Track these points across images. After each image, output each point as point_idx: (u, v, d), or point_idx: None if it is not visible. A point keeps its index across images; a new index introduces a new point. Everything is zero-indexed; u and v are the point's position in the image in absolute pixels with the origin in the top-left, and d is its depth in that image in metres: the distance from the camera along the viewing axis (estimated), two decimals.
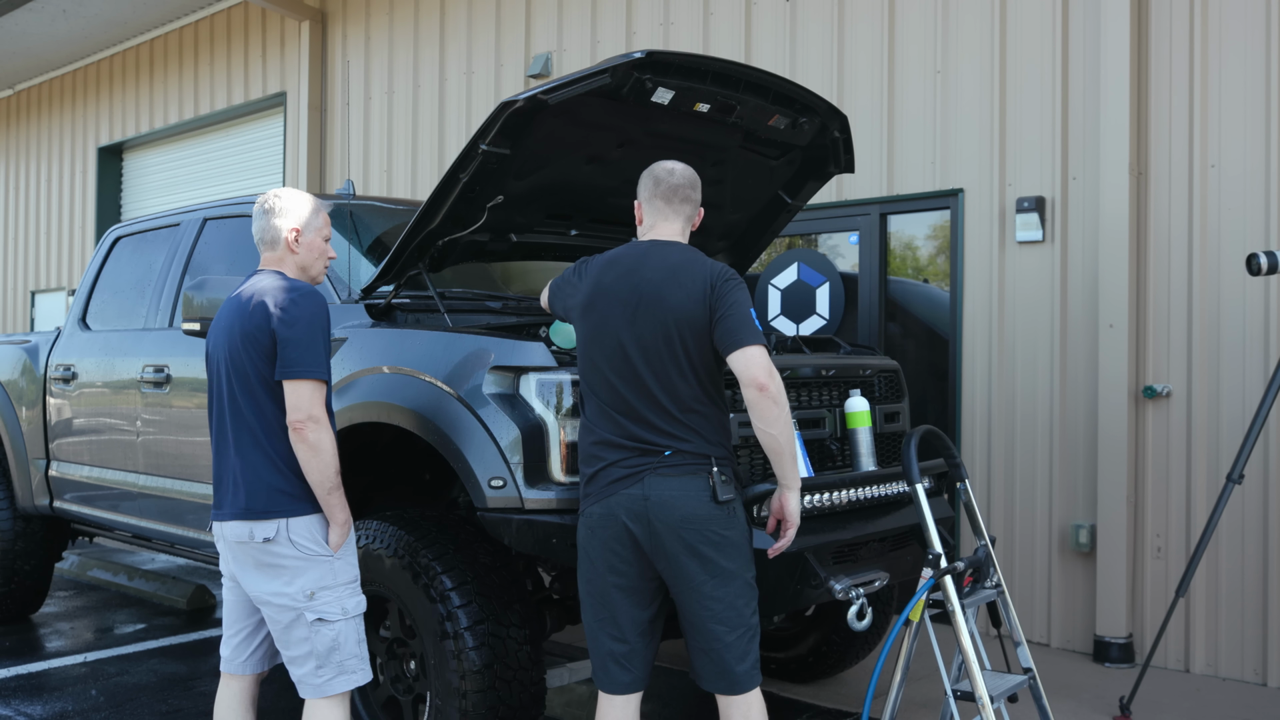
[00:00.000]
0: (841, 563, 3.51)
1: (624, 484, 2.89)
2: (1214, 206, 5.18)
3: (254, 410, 2.95)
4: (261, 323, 2.93)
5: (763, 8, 6.72)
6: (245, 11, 10.32)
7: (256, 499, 2.94)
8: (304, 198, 3.19)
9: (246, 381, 2.96)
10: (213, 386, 3.10)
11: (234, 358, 2.97)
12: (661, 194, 3.10)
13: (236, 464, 2.98)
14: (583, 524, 3.00)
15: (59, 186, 12.85)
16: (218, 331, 3.08)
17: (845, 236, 6.47)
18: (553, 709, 4.57)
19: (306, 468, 2.92)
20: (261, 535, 2.92)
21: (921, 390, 6.07)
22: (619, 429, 2.93)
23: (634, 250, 3.08)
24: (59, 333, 5.85)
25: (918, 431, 3.61)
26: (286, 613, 2.95)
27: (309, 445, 2.90)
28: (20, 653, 5.57)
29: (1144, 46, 5.38)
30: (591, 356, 3.01)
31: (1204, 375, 5.19)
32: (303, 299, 2.97)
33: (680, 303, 2.94)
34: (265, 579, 2.96)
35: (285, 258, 3.14)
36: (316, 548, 2.96)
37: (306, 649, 2.96)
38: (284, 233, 3.12)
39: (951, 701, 3.38)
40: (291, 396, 2.91)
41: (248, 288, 3.07)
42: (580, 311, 3.06)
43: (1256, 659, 5.02)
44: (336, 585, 2.98)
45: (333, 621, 2.96)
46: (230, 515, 2.99)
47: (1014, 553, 5.67)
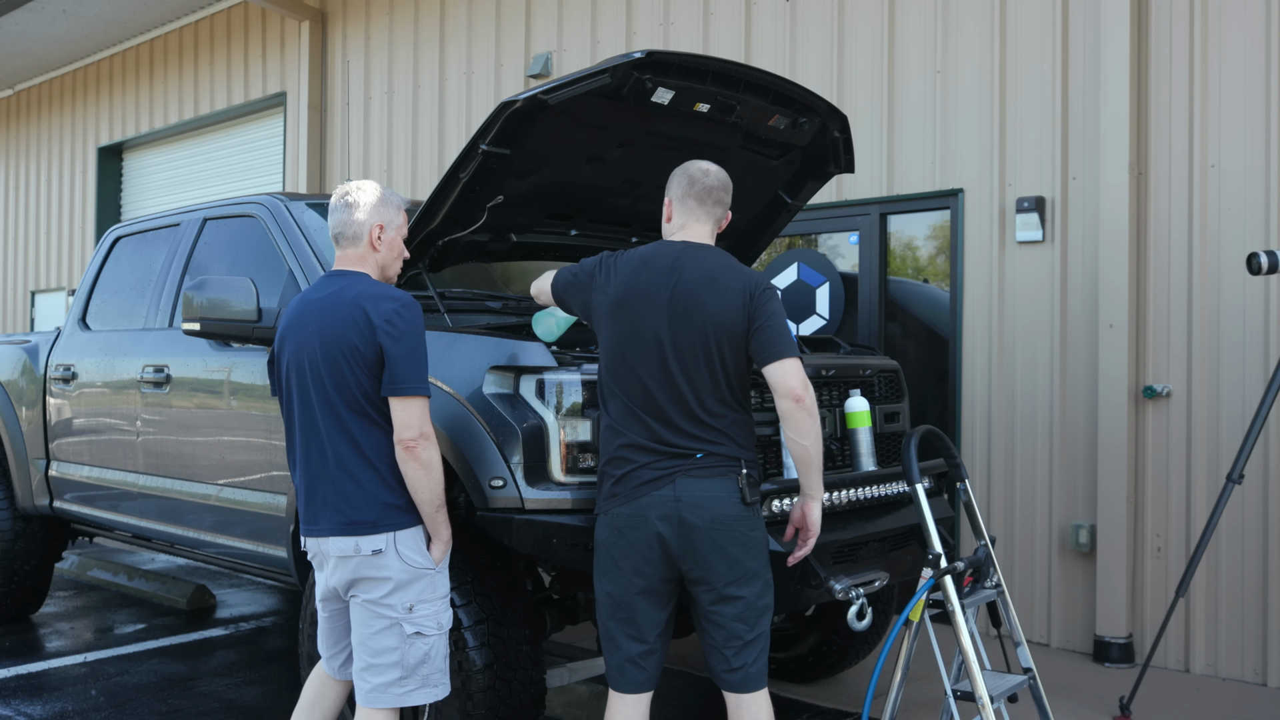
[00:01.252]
0: (841, 563, 3.51)
1: (655, 485, 2.89)
2: (1214, 206, 5.18)
3: (358, 423, 2.87)
4: (366, 335, 2.83)
5: (763, 8, 6.72)
6: (245, 11, 10.32)
7: (365, 512, 2.87)
8: (387, 193, 3.07)
9: (348, 394, 2.86)
10: (296, 394, 2.96)
11: (332, 369, 2.85)
12: (695, 194, 3.09)
13: (338, 477, 2.88)
14: (606, 524, 2.97)
15: (59, 186, 12.85)
16: (299, 334, 2.94)
17: (845, 236, 6.47)
18: (553, 709, 4.57)
19: (416, 485, 2.87)
20: (370, 548, 2.87)
21: (921, 390, 6.07)
22: (649, 432, 2.92)
23: (668, 251, 3.04)
24: (59, 333, 5.85)
25: (918, 431, 3.61)
26: (381, 620, 2.90)
27: (421, 463, 2.85)
28: (20, 653, 5.57)
29: (1144, 46, 5.39)
30: (622, 357, 2.97)
31: (1204, 375, 5.19)
32: (407, 310, 2.87)
33: (719, 309, 2.95)
34: (366, 589, 2.91)
35: (367, 256, 3.02)
36: (422, 560, 2.93)
37: (395, 658, 2.90)
38: (368, 229, 3.00)
39: (951, 701, 3.38)
40: (402, 414, 2.83)
41: (337, 291, 2.93)
42: (610, 311, 3.01)
43: (1256, 659, 5.02)
44: (435, 599, 2.95)
45: (429, 635, 2.93)
46: (331, 530, 2.90)
47: (1014, 553, 5.67)
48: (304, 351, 2.92)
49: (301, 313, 2.97)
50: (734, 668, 2.95)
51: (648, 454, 2.91)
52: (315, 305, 2.94)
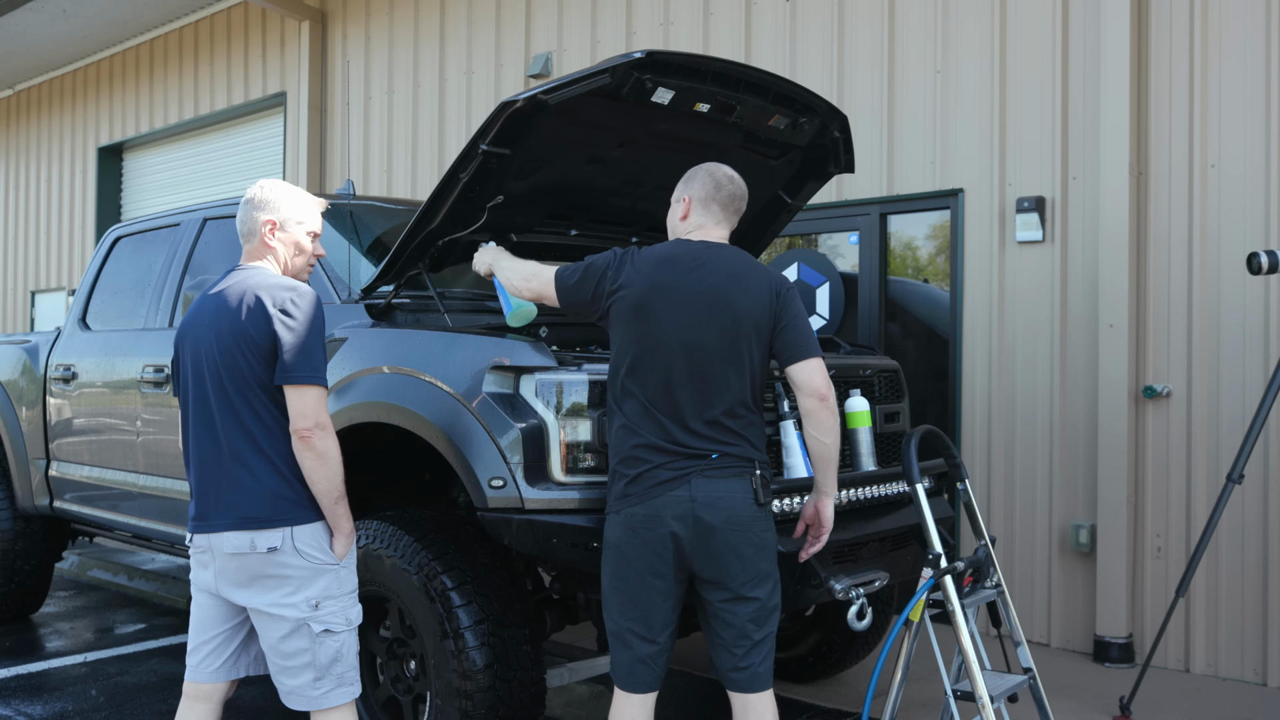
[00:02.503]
0: (841, 563, 3.51)
1: (670, 486, 2.87)
2: (1214, 206, 5.18)
3: (252, 415, 2.79)
4: (260, 324, 2.77)
5: (763, 8, 6.72)
6: (245, 11, 10.32)
7: (259, 507, 2.78)
8: (289, 190, 3.02)
9: (242, 384, 2.78)
10: (193, 388, 2.88)
11: (227, 359, 2.79)
12: (720, 200, 3.09)
13: (233, 471, 2.80)
14: (618, 524, 2.94)
15: (59, 186, 12.85)
16: (197, 329, 2.88)
17: (845, 236, 6.47)
18: (553, 709, 4.57)
19: (313, 476, 2.79)
20: (266, 545, 2.77)
21: (921, 390, 6.07)
22: (666, 433, 2.90)
23: (690, 250, 3.03)
24: (59, 333, 5.85)
25: (918, 431, 3.61)
26: (285, 624, 2.80)
27: (316, 453, 2.77)
28: (20, 653, 5.57)
29: (1144, 46, 5.38)
30: (643, 357, 2.94)
31: (1204, 375, 5.19)
32: (301, 299, 2.82)
33: (747, 308, 2.97)
34: (263, 591, 2.80)
35: (262, 252, 2.98)
36: (323, 556, 2.84)
37: (306, 660, 2.82)
38: (259, 224, 2.96)
39: (951, 701, 3.38)
40: (296, 403, 2.76)
41: (234, 284, 2.88)
42: (631, 310, 2.97)
43: (1256, 659, 5.02)
44: (341, 595, 2.87)
45: (338, 632, 2.85)
46: (225, 526, 2.79)
47: (1014, 553, 5.67)
48: (200, 345, 2.85)
49: (199, 309, 2.91)
50: (742, 667, 2.96)
51: (663, 454, 2.89)
52: (212, 299, 2.88)
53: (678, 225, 3.15)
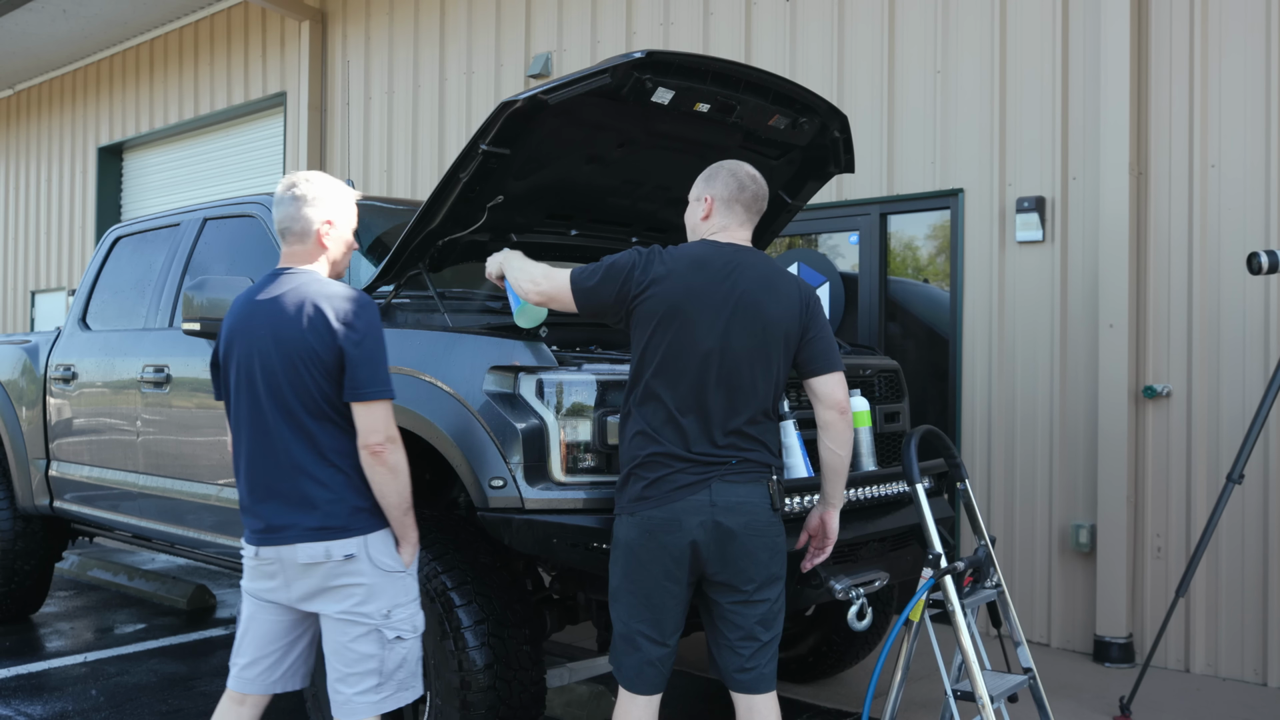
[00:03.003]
0: (841, 563, 3.51)
1: (690, 490, 2.85)
2: (1214, 206, 5.18)
3: (318, 427, 2.75)
4: (325, 338, 2.71)
5: (763, 8, 6.72)
6: (245, 11, 10.32)
7: (333, 517, 2.75)
8: (334, 185, 2.93)
9: (309, 399, 2.73)
10: (246, 398, 2.80)
11: (290, 373, 2.72)
12: (744, 200, 3.05)
13: (300, 482, 2.75)
14: (634, 526, 2.90)
15: (59, 186, 12.85)
16: (253, 336, 2.78)
17: (845, 236, 6.47)
18: (553, 709, 4.57)
19: (384, 489, 2.77)
20: (342, 553, 2.74)
21: (921, 390, 6.07)
22: (688, 438, 2.87)
23: (721, 253, 2.99)
24: (59, 333, 5.85)
25: (918, 431, 3.61)
26: (358, 628, 2.78)
27: (388, 468, 2.75)
28: (20, 653, 5.57)
29: (1144, 46, 5.39)
30: (672, 360, 2.88)
31: (1204, 375, 5.18)
32: (364, 310, 2.76)
33: (779, 316, 2.97)
34: (336, 600, 2.78)
35: (315, 253, 2.88)
36: (394, 563, 2.83)
37: (373, 665, 2.80)
38: (316, 224, 2.86)
39: (951, 701, 3.38)
40: (366, 418, 2.73)
41: (290, 290, 2.78)
42: (663, 311, 2.89)
43: (1256, 659, 5.02)
44: (408, 602, 2.87)
45: (407, 639, 2.85)
46: (298, 537, 2.75)
47: (1014, 553, 5.67)
48: (256, 355, 2.77)
49: (251, 314, 2.82)
50: (748, 668, 2.95)
51: (685, 460, 2.86)
52: (266, 306, 2.79)
53: (699, 225, 3.10)
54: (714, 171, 3.09)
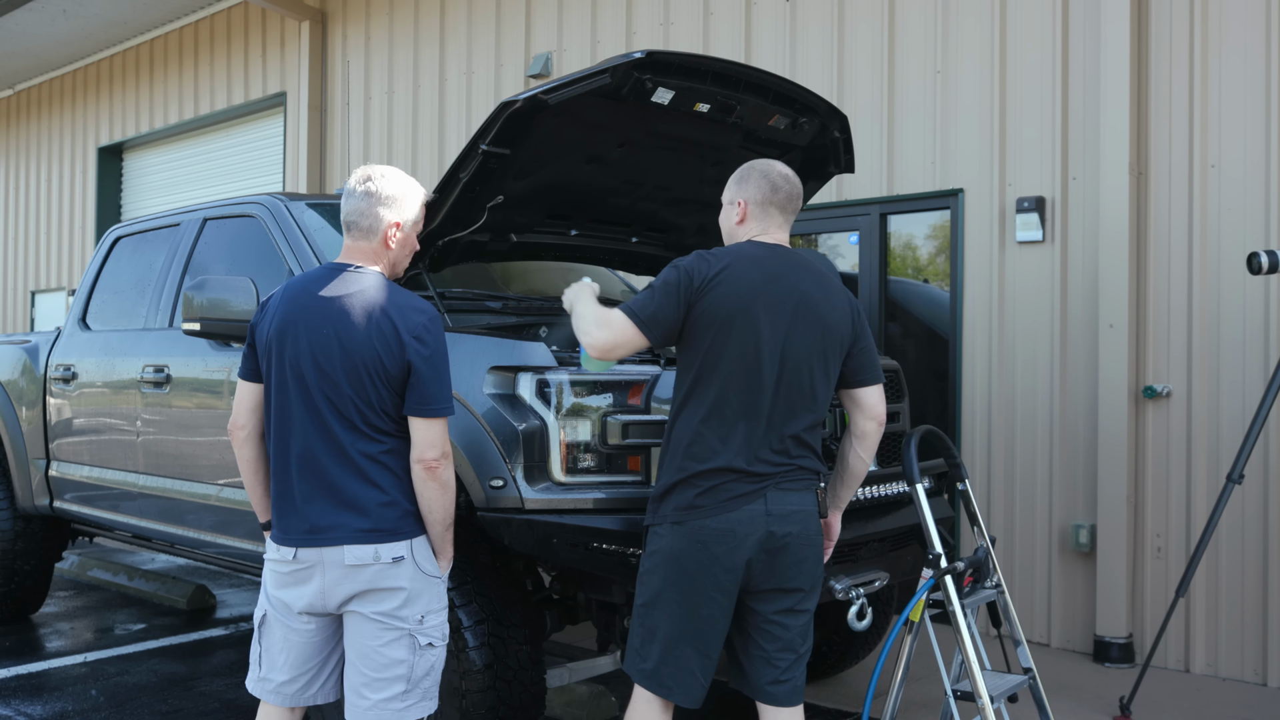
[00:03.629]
0: (841, 563, 3.51)
1: (746, 500, 2.76)
2: (1214, 206, 5.18)
3: (377, 433, 2.71)
4: (394, 351, 2.67)
5: (763, 8, 6.72)
6: (245, 11, 10.33)
7: (386, 520, 2.72)
8: (412, 186, 2.86)
9: (366, 404, 2.69)
10: (296, 394, 2.73)
11: (353, 379, 2.68)
12: (778, 202, 2.96)
13: (352, 484, 2.70)
14: (683, 536, 2.77)
15: (59, 186, 12.85)
16: (313, 332, 2.71)
17: (845, 236, 6.47)
18: (553, 709, 4.57)
19: (432, 506, 2.76)
20: (391, 555, 2.71)
21: (921, 390, 6.07)
22: (742, 445, 2.77)
23: (773, 255, 2.90)
24: (59, 333, 5.85)
25: (918, 431, 3.61)
26: (392, 632, 2.73)
27: (440, 484, 2.74)
28: (20, 653, 5.57)
29: (1144, 46, 5.39)
30: (735, 363, 2.78)
31: (1204, 375, 5.19)
32: (433, 325, 2.73)
33: (835, 320, 2.91)
34: (374, 602, 2.73)
35: (380, 253, 2.82)
36: (433, 569, 2.82)
37: (402, 671, 2.75)
38: (385, 224, 2.79)
39: (951, 701, 3.38)
40: (426, 433, 2.70)
41: (356, 292, 2.73)
42: (724, 314, 2.78)
43: (1256, 659, 5.02)
44: (440, 609, 2.84)
45: (438, 647, 2.82)
46: (347, 538, 2.70)
47: (1014, 553, 5.67)
48: (315, 353, 2.70)
49: (311, 307, 2.74)
50: (784, 680, 2.89)
51: (741, 467, 2.77)
52: (331, 305, 2.72)
53: (735, 230, 3.01)
54: (745, 173, 3.00)
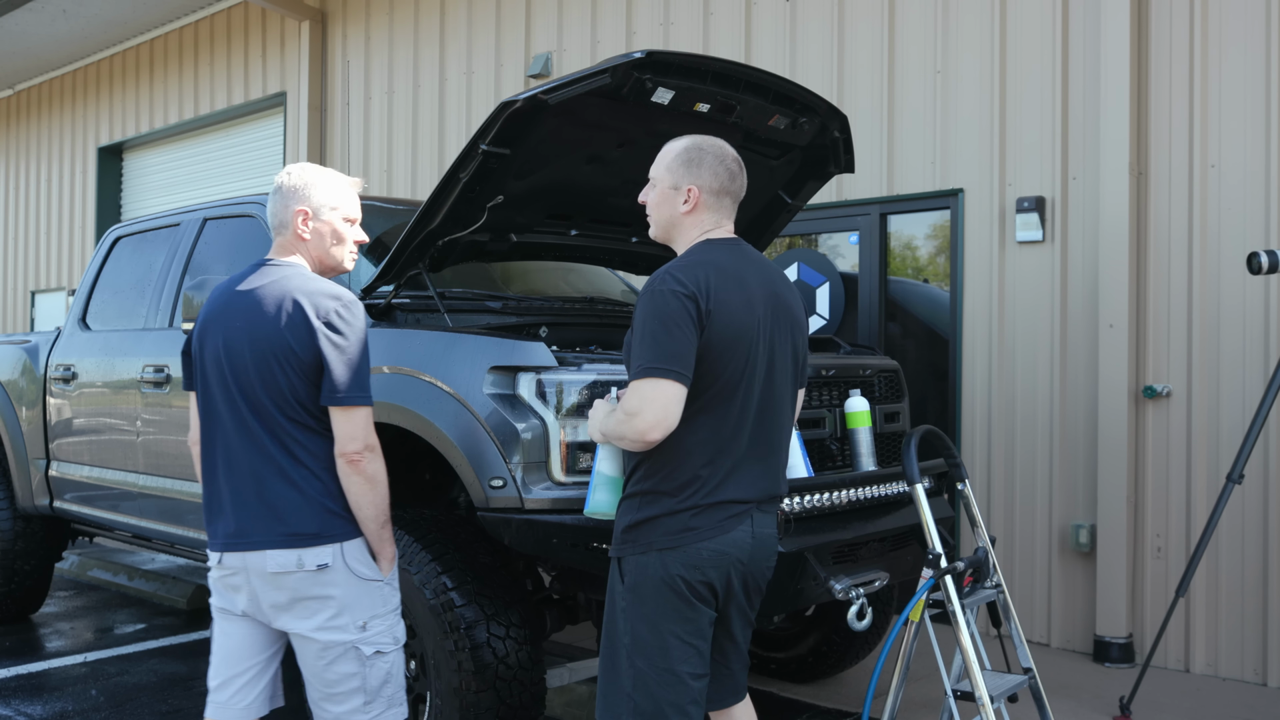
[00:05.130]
0: (841, 563, 3.51)
1: (738, 520, 2.60)
2: (1214, 206, 5.17)
3: (293, 427, 2.58)
4: (302, 337, 2.54)
5: (763, 8, 6.72)
6: (245, 11, 10.32)
7: (306, 523, 2.56)
8: (320, 173, 2.75)
9: (282, 398, 2.57)
10: (219, 394, 2.64)
11: (263, 371, 2.56)
12: (735, 191, 2.72)
13: (273, 484, 2.58)
14: (678, 561, 2.56)
15: (59, 186, 12.85)
16: (227, 329, 2.63)
17: (845, 236, 6.47)
18: (553, 709, 4.57)
19: (360, 502, 2.59)
20: (315, 562, 2.56)
21: (921, 390, 6.07)
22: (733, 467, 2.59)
23: (746, 259, 2.68)
24: (59, 333, 5.85)
25: (918, 431, 3.61)
26: (335, 648, 2.60)
27: (365, 478, 2.58)
28: (20, 653, 5.57)
29: (1144, 46, 5.38)
30: (728, 384, 2.57)
31: (1204, 375, 5.18)
32: (347, 310, 2.59)
33: (801, 320, 2.76)
34: (307, 614, 2.58)
35: (295, 245, 2.72)
36: (370, 572, 2.64)
37: (356, 684, 2.61)
38: (291, 215, 2.70)
39: (951, 701, 3.38)
40: (345, 425, 2.56)
41: (270, 283, 2.62)
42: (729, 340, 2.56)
43: (1256, 659, 5.02)
44: (388, 613, 2.69)
45: (388, 652, 2.67)
46: (266, 543, 2.56)
47: (1014, 553, 5.67)
48: (231, 349, 2.60)
49: (228, 304, 2.66)
50: (740, 683, 2.88)
51: (732, 489, 2.60)
52: (244, 298, 2.63)
53: (679, 219, 2.71)
54: (695, 155, 2.69)
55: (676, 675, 2.60)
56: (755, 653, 4.97)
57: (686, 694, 2.61)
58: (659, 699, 2.58)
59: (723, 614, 2.71)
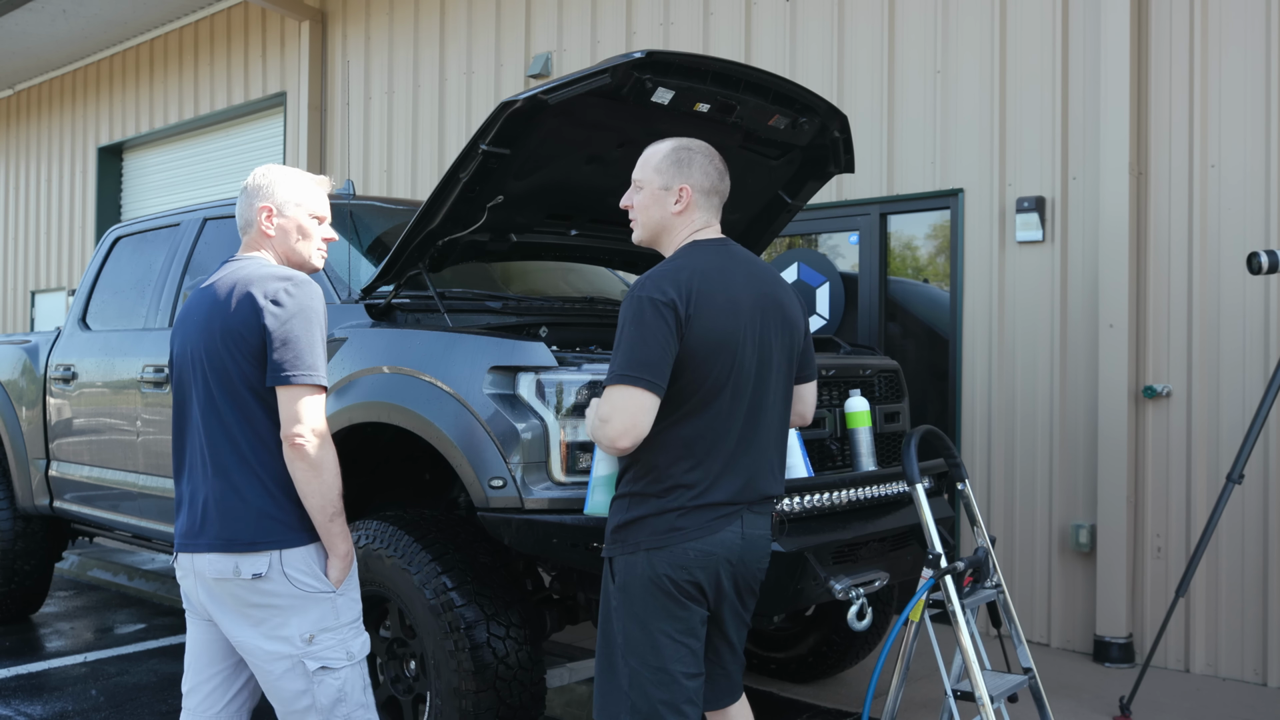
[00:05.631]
0: (841, 563, 3.51)
1: (727, 521, 2.59)
2: (1214, 206, 5.17)
3: (240, 421, 2.49)
4: (248, 318, 2.48)
5: (763, 8, 6.72)
6: (245, 11, 10.32)
7: (242, 528, 2.46)
8: (285, 172, 2.72)
9: (230, 387, 2.49)
10: (182, 392, 2.60)
11: (214, 360, 2.51)
12: (721, 191, 2.74)
13: (214, 485, 2.49)
14: (665, 561, 2.56)
15: (59, 186, 12.85)
16: (189, 327, 2.60)
17: (845, 236, 6.47)
18: (553, 709, 4.57)
19: (305, 490, 2.48)
20: (250, 571, 2.45)
21: (921, 390, 6.07)
22: (723, 467, 2.59)
23: (734, 259, 2.67)
24: (59, 333, 5.85)
25: (918, 431, 3.61)
26: (280, 662, 2.48)
27: (309, 463, 2.45)
28: (20, 653, 5.57)
29: (1144, 46, 5.38)
30: (718, 386, 2.56)
31: (1204, 375, 5.18)
32: (297, 289, 2.52)
33: (796, 318, 2.75)
34: (250, 624, 2.49)
35: (260, 242, 2.70)
36: (316, 583, 2.51)
37: (307, 702, 2.50)
38: (254, 212, 2.67)
39: (951, 701, 3.38)
40: (287, 406, 2.46)
41: (226, 276, 2.60)
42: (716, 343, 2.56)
43: (1256, 659, 5.02)
44: (339, 626, 2.54)
45: (337, 669, 2.52)
46: (206, 546, 2.49)
47: (1014, 553, 5.67)
48: (189, 344, 2.58)
49: (191, 304, 2.65)
50: (736, 683, 2.88)
51: (721, 489, 2.59)
52: (204, 294, 2.61)
53: (670, 220, 2.71)
54: (684, 155, 2.71)
55: (669, 674, 2.60)
56: (755, 653, 4.97)
57: (680, 693, 2.61)
58: (653, 698, 2.59)
59: (716, 614, 2.71)
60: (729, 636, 2.80)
